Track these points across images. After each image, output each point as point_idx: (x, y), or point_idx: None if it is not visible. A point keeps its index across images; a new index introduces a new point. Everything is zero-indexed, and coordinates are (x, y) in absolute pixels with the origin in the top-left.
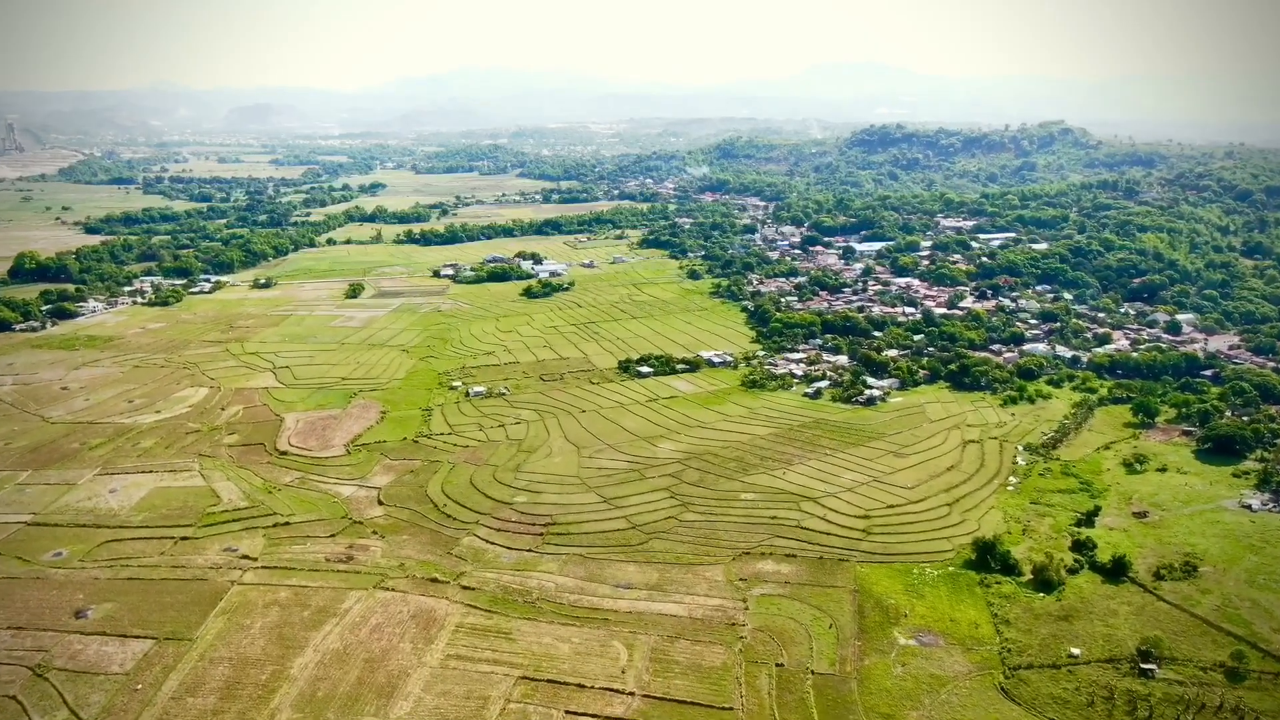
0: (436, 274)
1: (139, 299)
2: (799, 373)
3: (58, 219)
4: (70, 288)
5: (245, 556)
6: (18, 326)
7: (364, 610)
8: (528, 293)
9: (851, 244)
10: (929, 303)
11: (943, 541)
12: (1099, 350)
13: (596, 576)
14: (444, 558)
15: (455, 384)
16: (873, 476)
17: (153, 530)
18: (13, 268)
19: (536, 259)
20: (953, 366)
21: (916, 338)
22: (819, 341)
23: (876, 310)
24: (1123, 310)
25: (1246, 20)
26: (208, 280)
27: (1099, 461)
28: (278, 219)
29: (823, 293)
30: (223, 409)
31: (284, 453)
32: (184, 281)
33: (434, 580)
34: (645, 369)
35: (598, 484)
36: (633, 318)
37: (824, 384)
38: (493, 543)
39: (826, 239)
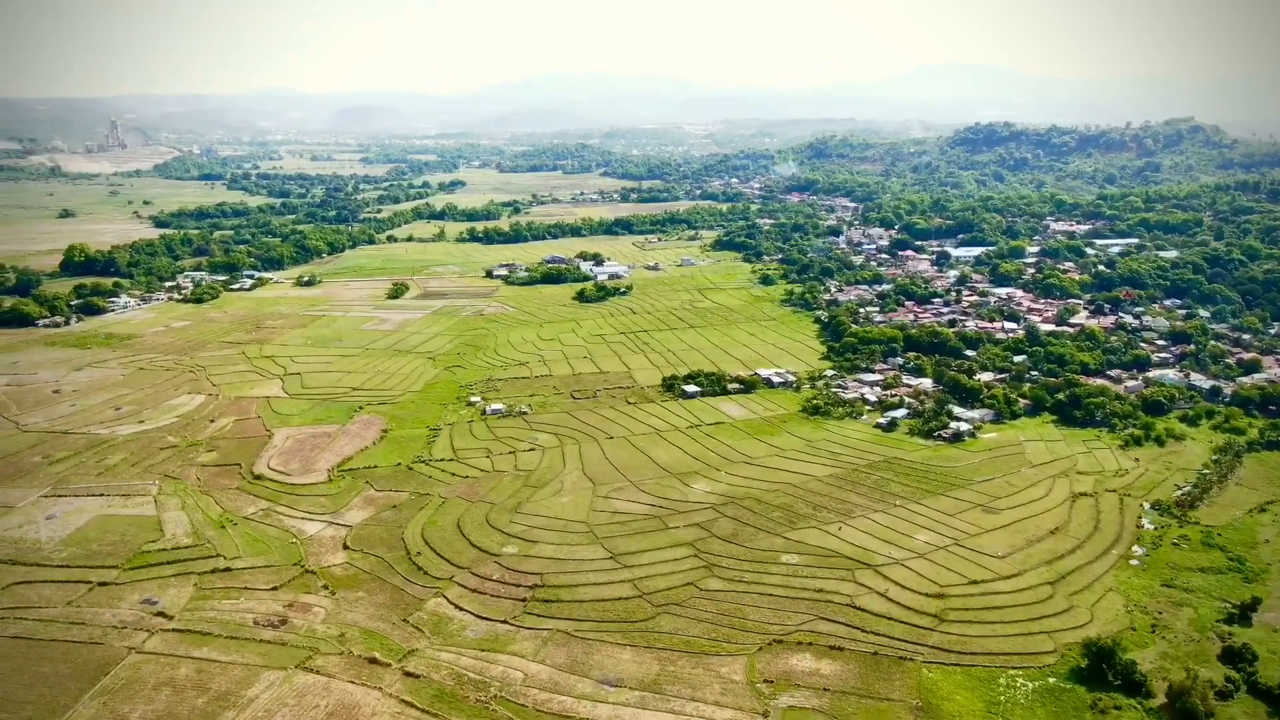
0: (489, 274)
1: (176, 295)
2: (872, 398)
3: (135, 213)
4: (108, 282)
5: (161, 613)
6: (41, 322)
7: (272, 701)
8: (580, 296)
9: (946, 249)
10: (1034, 317)
11: (1042, 638)
12: (1245, 380)
13: (580, 665)
14: (397, 627)
15: (474, 399)
16: (952, 538)
17: (71, 571)
18: (63, 260)
19: (598, 260)
20: (1061, 396)
21: (1017, 359)
22: (899, 360)
23: (970, 325)
24: (1273, 331)
25: None
26: (251, 277)
27: (1253, 528)
28: (345, 215)
29: (909, 303)
30: (212, 420)
31: (258, 476)
32: (226, 277)
33: (373, 661)
34: (692, 388)
35: (607, 533)
36: (690, 327)
37: (900, 413)
38: (462, 608)
39: (918, 243)
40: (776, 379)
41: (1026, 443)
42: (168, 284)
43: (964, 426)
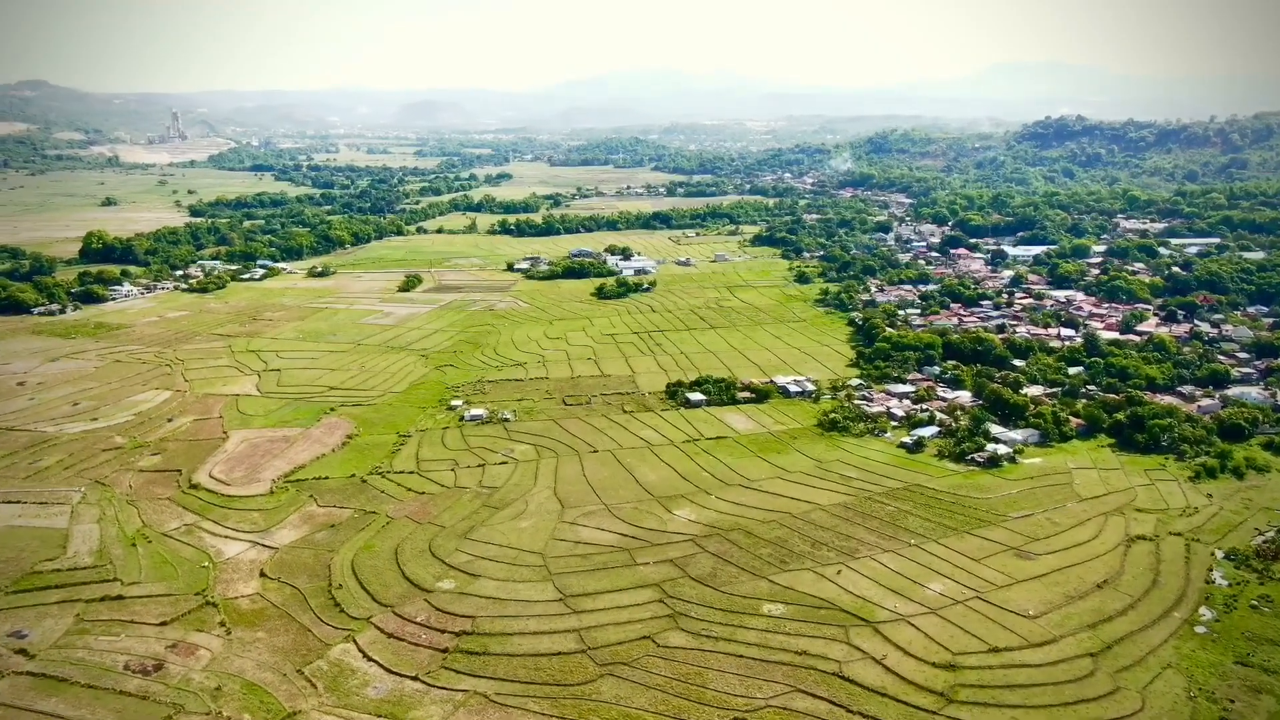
0: (510, 267)
1: (183, 284)
2: (899, 413)
3: (176, 202)
4: (115, 270)
5: (23, 651)
6: (37, 310)
7: None
8: (599, 292)
9: (1003, 247)
10: (1095, 324)
11: None
12: None
13: None
14: (287, 679)
15: (455, 403)
16: (974, 590)
17: None
18: (82, 248)
19: (625, 254)
20: (1120, 415)
21: (1072, 371)
22: (936, 370)
23: (1021, 331)
24: None
25: None
26: (264, 267)
27: None
28: (381, 206)
29: (955, 305)
30: (169, 420)
31: (195, 486)
32: (238, 267)
33: None
34: (696, 396)
35: (563, 568)
36: (710, 327)
37: (929, 431)
38: (371, 658)
39: (973, 241)
40: (794, 388)
41: (1076, 470)
42: (179, 273)
43: (1002, 449)
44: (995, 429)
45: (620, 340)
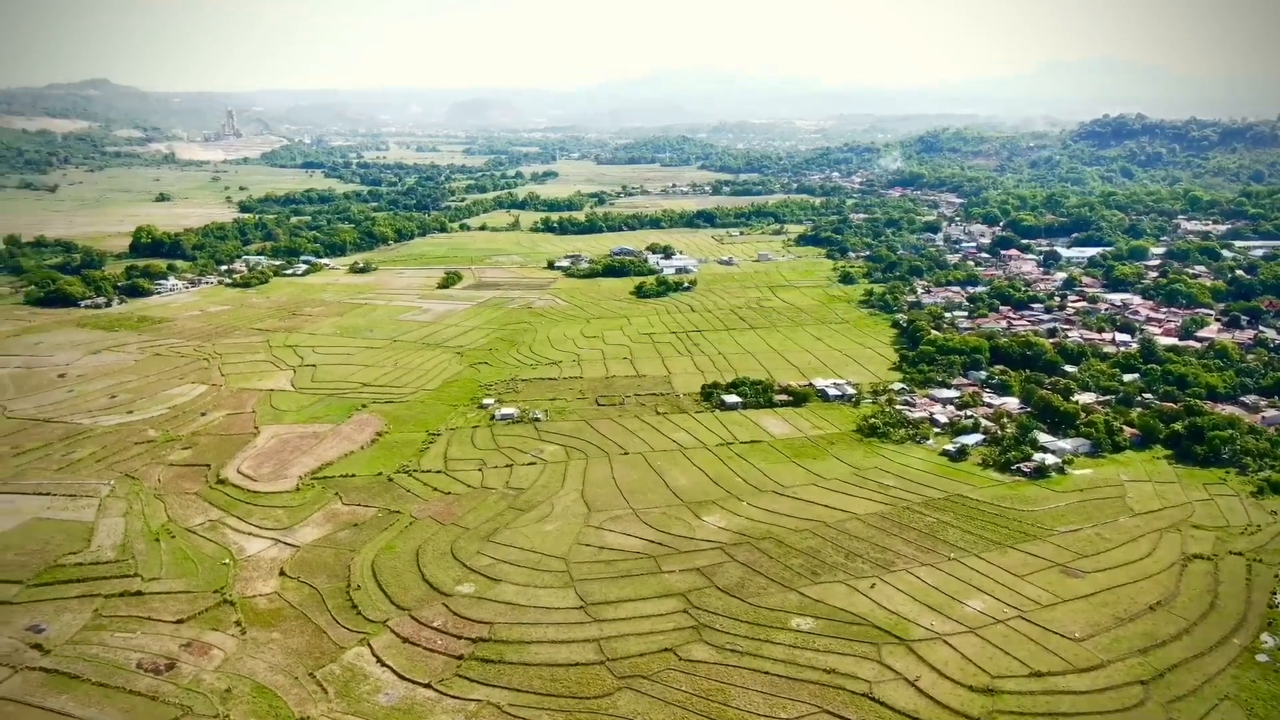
0: (551, 265)
1: (227, 279)
2: (942, 419)
3: (227, 198)
4: (161, 264)
5: (38, 646)
6: (84, 303)
7: None
8: (638, 291)
9: (1056, 248)
10: (1152, 329)
11: None
12: None
13: None
14: (299, 682)
15: (487, 402)
16: (1017, 608)
17: None
18: (132, 242)
19: (667, 253)
20: (1178, 426)
21: (1127, 378)
22: (982, 375)
23: (1074, 336)
24: None
25: None
26: (306, 262)
27: None
28: (426, 203)
29: (1004, 307)
30: (203, 414)
31: (222, 481)
32: (281, 262)
33: None
34: (732, 398)
35: (586, 575)
36: (750, 328)
37: (973, 438)
38: (385, 663)
39: (1025, 241)
40: (833, 391)
41: (1129, 483)
42: (224, 268)
43: (1050, 459)
44: (1043, 438)
45: (658, 340)
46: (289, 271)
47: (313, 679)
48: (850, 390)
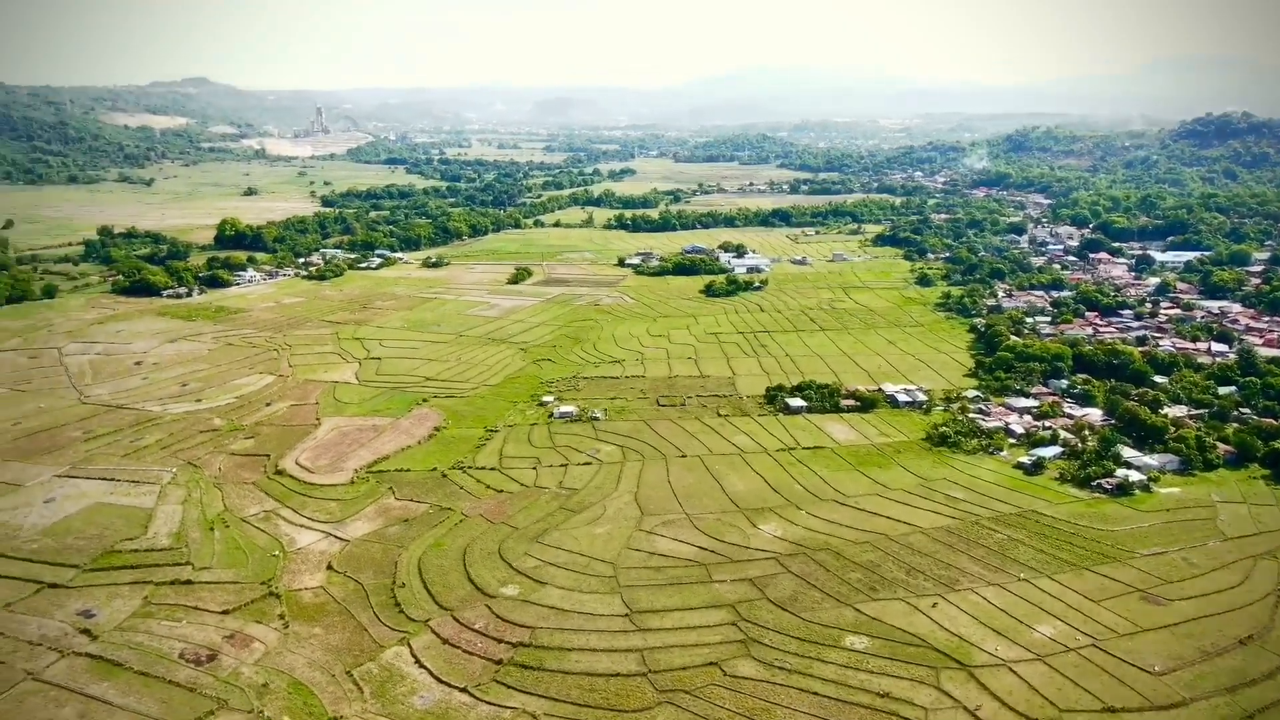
0: (621, 262)
1: (303, 271)
2: (1018, 429)
3: (311, 192)
4: (241, 256)
5: (87, 631)
6: (165, 292)
7: None
8: (708, 290)
9: (1150, 252)
10: (1252, 339)
11: None
12: None
13: None
14: (336, 680)
15: (547, 399)
16: (1091, 636)
17: (29, 568)
18: (216, 234)
19: (739, 251)
20: (1278, 443)
21: (1223, 391)
22: (1064, 384)
23: (1165, 345)
24: None
25: None
26: (381, 256)
27: None
28: (503, 200)
29: (1091, 314)
30: (268, 404)
31: (280, 471)
32: (356, 256)
33: None
34: (797, 401)
35: (633, 581)
36: (820, 330)
37: (1051, 451)
38: (423, 664)
39: (1116, 244)
40: (903, 397)
41: (1222, 504)
42: (301, 260)
43: (1135, 475)
44: (1127, 452)
45: (724, 340)
46: (363, 265)
47: (350, 677)
48: (921, 396)
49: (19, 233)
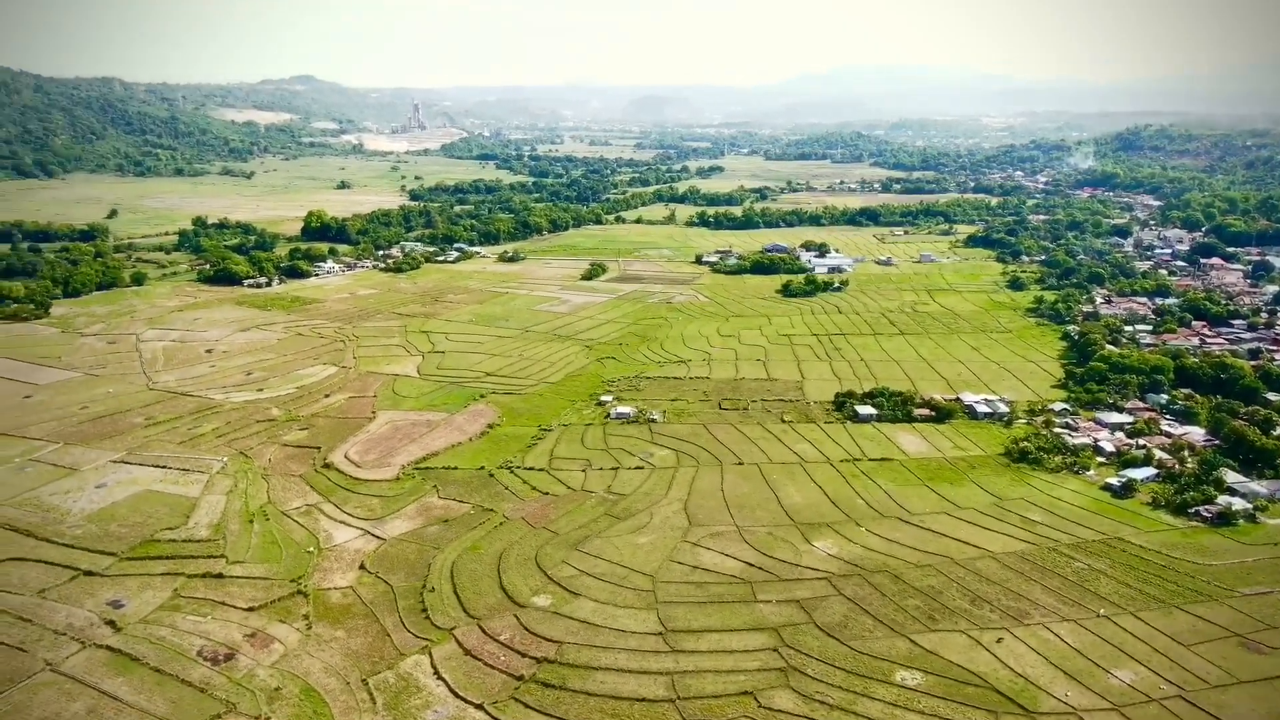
0: (699, 260)
1: (382, 264)
2: (1108, 447)
3: (401, 186)
4: (323, 247)
5: (111, 622)
6: (246, 282)
7: None
8: (785, 289)
9: (1269, 258)
10: None
11: None
12: None
13: None
14: (350, 689)
15: (605, 398)
16: (1178, 686)
17: (69, 554)
18: (303, 226)
19: (821, 250)
20: None
21: None
22: (1163, 399)
23: None
24: None
25: None
26: (459, 249)
27: None
28: (587, 195)
29: (1198, 323)
30: (327, 395)
31: (328, 465)
32: (435, 249)
33: None
34: (866, 409)
35: (672, 597)
36: (900, 333)
37: (1144, 472)
38: (441, 675)
39: (1231, 249)
40: (982, 408)
41: None
42: (381, 252)
43: (1239, 503)
44: (1232, 477)
45: (796, 342)
46: (441, 258)
47: (365, 686)
48: (1002, 408)
49: (121, 222)
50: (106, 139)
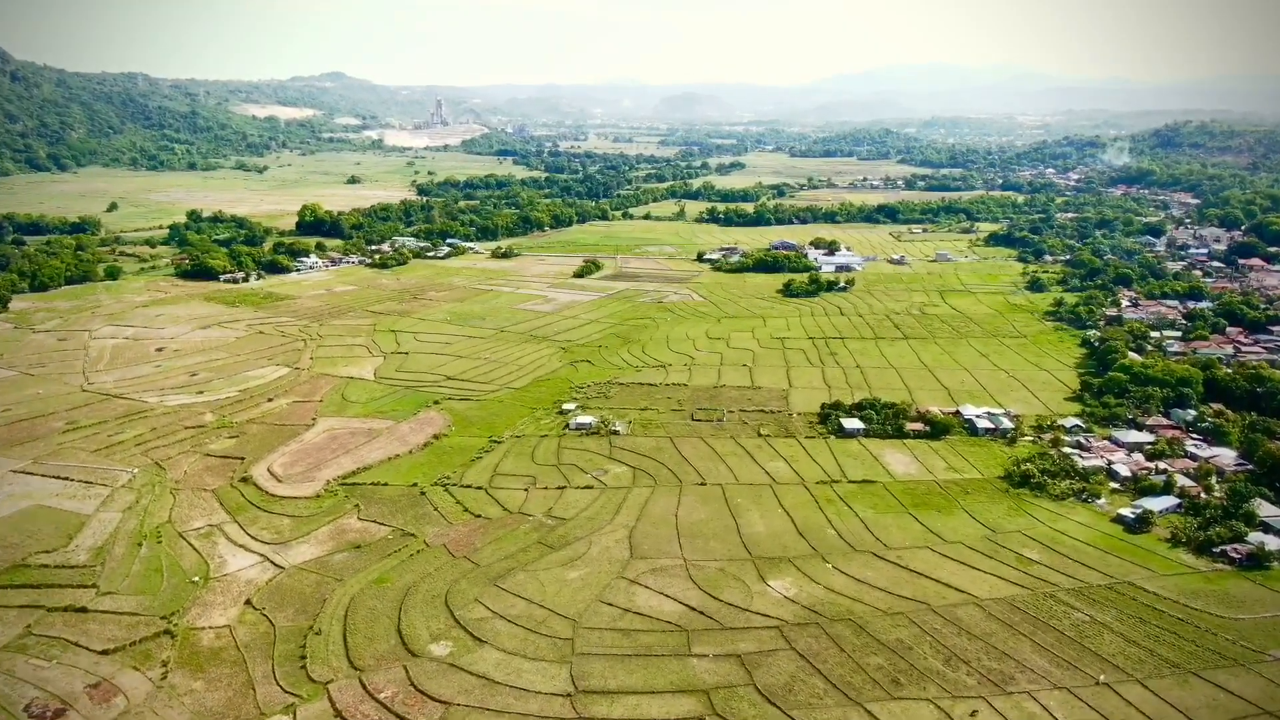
0: (700, 258)
1: (369, 259)
2: (1124, 470)
3: (412, 181)
4: (309, 242)
5: None
6: (222, 277)
7: None
8: (786, 289)
9: None
10: None
11: None
12: None
13: None
14: None
15: (568, 406)
16: None
17: None
18: (296, 220)
19: (831, 248)
20: None
21: None
22: (1190, 414)
23: None
24: None
25: None
26: (451, 245)
27: None
28: (598, 191)
29: (1233, 329)
30: (269, 399)
31: (246, 479)
32: (426, 245)
33: None
34: (853, 423)
35: (593, 648)
36: (903, 337)
37: (1163, 503)
38: None
39: (1272, 249)
40: (984, 423)
41: None
42: (372, 248)
43: (1274, 542)
44: (1266, 510)
45: (789, 346)
46: (430, 254)
47: None
48: (1006, 423)
49: (119, 215)
50: (124, 133)
